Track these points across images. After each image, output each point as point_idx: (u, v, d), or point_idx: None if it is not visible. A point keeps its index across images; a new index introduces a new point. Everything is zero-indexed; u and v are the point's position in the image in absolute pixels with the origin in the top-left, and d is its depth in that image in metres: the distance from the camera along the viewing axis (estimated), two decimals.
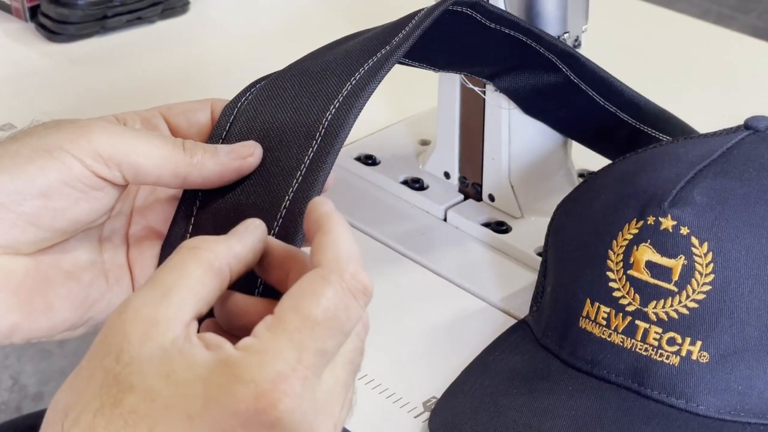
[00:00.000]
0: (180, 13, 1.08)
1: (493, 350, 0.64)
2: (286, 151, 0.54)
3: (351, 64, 0.56)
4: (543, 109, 0.74)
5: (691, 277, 0.57)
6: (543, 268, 0.66)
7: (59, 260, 0.53)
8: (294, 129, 0.54)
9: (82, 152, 0.50)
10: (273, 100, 0.56)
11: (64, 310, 0.52)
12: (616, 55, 1.02)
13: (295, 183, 0.53)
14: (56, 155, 0.50)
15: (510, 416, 0.58)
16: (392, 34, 0.58)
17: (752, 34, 1.12)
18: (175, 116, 0.56)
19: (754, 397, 0.57)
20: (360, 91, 0.54)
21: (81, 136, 0.50)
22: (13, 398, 1.72)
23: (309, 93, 0.55)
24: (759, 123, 0.62)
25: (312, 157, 0.53)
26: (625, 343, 0.58)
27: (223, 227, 0.51)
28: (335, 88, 0.55)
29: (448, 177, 0.80)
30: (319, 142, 0.53)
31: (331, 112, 0.54)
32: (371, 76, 0.55)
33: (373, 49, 0.57)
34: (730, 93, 0.97)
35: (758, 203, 0.58)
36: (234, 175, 0.53)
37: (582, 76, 0.70)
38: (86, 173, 0.50)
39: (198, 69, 0.99)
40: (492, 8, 0.64)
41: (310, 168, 0.53)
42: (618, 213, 0.60)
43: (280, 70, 0.59)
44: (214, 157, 0.52)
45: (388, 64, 0.55)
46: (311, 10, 1.11)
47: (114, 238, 0.55)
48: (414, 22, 0.58)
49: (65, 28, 1.02)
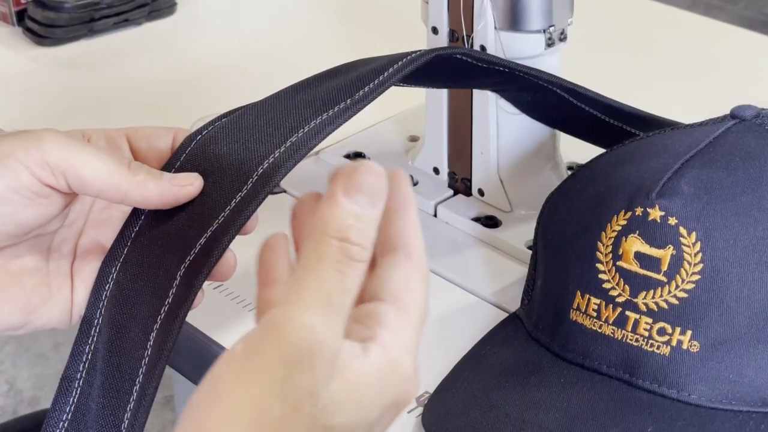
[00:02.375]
0: (167, 14, 1.08)
1: (485, 344, 0.64)
2: (220, 189, 0.57)
3: (307, 113, 0.58)
4: (547, 118, 0.74)
5: (680, 267, 0.57)
6: (533, 261, 0.66)
7: (7, 263, 0.57)
8: (235, 169, 0.57)
9: (31, 160, 0.53)
10: (226, 139, 0.59)
11: (6, 313, 0.56)
12: (604, 47, 1.02)
13: (215, 222, 0.55)
14: (6, 163, 0.53)
15: (503, 410, 0.58)
16: (364, 82, 0.59)
17: (741, 24, 1.12)
18: (139, 139, 0.60)
19: (745, 385, 0.57)
20: (303, 143, 0.57)
21: (32, 146, 0.54)
22: (9, 403, 1.72)
23: (258, 137, 0.58)
24: (745, 112, 0.62)
25: (239, 200, 0.56)
26: (615, 334, 0.58)
27: (156, 252, 0.56)
28: (283, 136, 0.57)
29: (437, 173, 0.80)
30: (249, 187, 0.56)
31: (269, 161, 0.56)
32: (318, 130, 0.57)
33: (336, 100, 0.59)
34: (718, 84, 0.97)
35: (745, 192, 0.58)
36: (172, 200, 0.57)
37: (584, 102, 0.70)
38: (33, 181, 0.54)
39: (186, 70, 0.99)
40: (483, 55, 0.65)
41: (234, 209, 0.55)
42: (606, 205, 0.60)
43: (246, 106, 0.61)
44: (156, 180, 0.56)
45: (340, 120, 0.58)
46: (299, 10, 1.11)
47: (63, 247, 0.59)
48: (389, 72, 0.60)
49: (52, 31, 1.02)
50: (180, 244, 0.56)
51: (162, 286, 0.55)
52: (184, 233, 0.56)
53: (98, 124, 0.91)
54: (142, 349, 0.55)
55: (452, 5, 0.72)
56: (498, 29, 0.71)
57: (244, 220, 0.55)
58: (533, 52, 0.71)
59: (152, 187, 0.56)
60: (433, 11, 0.74)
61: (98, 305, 0.57)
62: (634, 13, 1.11)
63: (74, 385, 0.57)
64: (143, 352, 0.55)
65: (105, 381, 0.56)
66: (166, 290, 0.55)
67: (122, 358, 0.56)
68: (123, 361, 0.56)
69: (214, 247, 0.55)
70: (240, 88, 0.94)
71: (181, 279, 0.55)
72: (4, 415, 1.67)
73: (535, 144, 0.76)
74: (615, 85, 0.70)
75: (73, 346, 0.57)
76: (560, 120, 0.75)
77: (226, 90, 0.95)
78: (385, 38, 1.01)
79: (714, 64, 1.00)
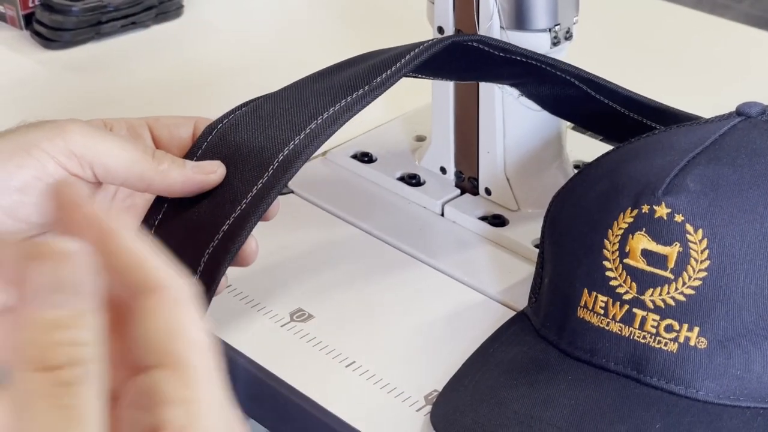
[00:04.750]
0: (174, 17, 1.08)
1: (492, 342, 0.64)
2: (241, 176, 0.58)
3: (325, 100, 0.59)
4: (566, 113, 0.75)
5: (687, 264, 0.57)
6: (540, 259, 0.66)
7: None
8: (255, 157, 0.58)
9: (57, 150, 0.54)
10: (246, 127, 0.60)
11: None
12: (609, 46, 1.02)
13: (238, 209, 0.57)
14: (33, 153, 0.53)
15: (511, 407, 0.58)
16: (381, 69, 0.60)
17: (746, 23, 1.12)
18: (160, 128, 0.60)
19: (752, 382, 0.57)
20: (322, 130, 0.58)
21: (58, 135, 0.54)
22: None
23: (278, 124, 0.59)
24: (751, 109, 0.62)
25: (260, 186, 0.57)
26: (623, 332, 0.59)
27: (180, 239, 0.56)
28: (302, 123, 0.58)
29: (444, 172, 0.80)
30: (270, 174, 0.57)
31: (289, 147, 0.58)
32: (337, 117, 0.58)
33: (354, 86, 0.60)
34: (724, 81, 0.97)
35: (751, 188, 0.58)
36: (196, 188, 0.57)
37: (602, 94, 0.70)
38: (59, 170, 0.54)
39: (193, 72, 1.00)
40: (500, 42, 0.65)
41: (256, 196, 0.57)
42: (613, 202, 0.60)
43: (267, 95, 0.62)
44: (180, 168, 0.57)
45: (358, 106, 0.59)
46: (305, 12, 1.11)
47: None
48: (406, 59, 0.60)
49: (60, 35, 1.02)
50: (203, 230, 0.57)
51: (186, 272, 0.56)
52: (207, 220, 0.57)
53: None
54: None
55: (458, 5, 0.73)
56: (504, 28, 0.71)
57: (265, 207, 0.56)
58: (539, 51, 0.71)
59: (176, 176, 0.56)
60: (438, 11, 0.74)
61: None
62: (640, 11, 1.11)
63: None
64: None
65: None
66: (190, 276, 0.56)
67: None
68: None
69: (237, 233, 0.56)
70: (247, 90, 0.94)
71: (204, 265, 0.56)
72: None
73: (541, 143, 0.76)
74: (620, 83, 0.71)
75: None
76: (579, 115, 0.75)
77: (233, 91, 0.95)
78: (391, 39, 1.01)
79: (719, 62, 1.00)
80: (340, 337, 0.67)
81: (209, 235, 0.56)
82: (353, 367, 0.64)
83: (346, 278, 0.72)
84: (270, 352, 0.65)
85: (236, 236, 0.56)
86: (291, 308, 0.69)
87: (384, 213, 0.78)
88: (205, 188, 0.57)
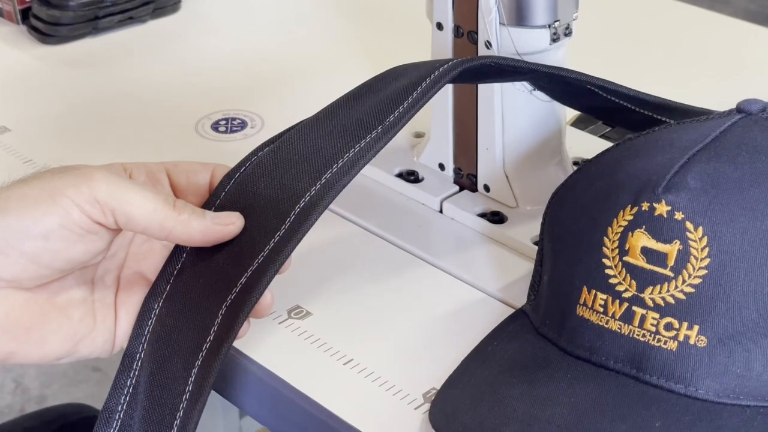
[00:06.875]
0: (171, 12, 1.08)
1: (491, 340, 0.64)
2: (259, 227, 0.58)
3: (339, 146, 0.59)
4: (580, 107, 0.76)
5: (687, 262, 0.57)
6: (539, 256, 0.66)
7: (55, 296, 0.58)
8: (273, 208, 0.58)
9: (82, 198, 0.55)
10: (263, 176, 0.60)
11: (54, 344, 0.58)
12: (609, 42, 1.02)
13: (255, 262, 0.57)
14: (58, 200, 0.55)
15: (510, 405, 0.58)
16: (393, 104, 0.60)
17: (745, 18, 1.12)
18: (178, 174, 0.61)
19: (752, 380, 0.57)
20: (337, 179, 0.58)
21: (83, 183, 0.55)
22: (17, 401, 1.72)
23: (294, 174, 0.59)
24: (751, 106, 0.62)
25: (278, 239, 0.57)
26: (622, 330, 0.58)
27: (198, 289, 0.57)
28: (317, 173, 0.59)
29: (442, 168, 0.80)
30: (287, 226, 0.57)
31: (305, 199, 0.58)
32: (351, 164, 0.58)
33: (368, 127, 0.60)
34: (724, 78, 0.97)
35: (752, 186, 0.58)
36: (214, 238, 0.58)
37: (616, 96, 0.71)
38: (83, 218, 0.55)
39: (190, 67, 0.99)
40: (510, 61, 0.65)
41: (274, 249, 0.57)
42: (612, 200, 0.60)
43: (283, 136, 0.62)
44: (200, 219, 0.58)
45: (372, 152, 0.59)
46: (304, 7, 1.11)
47: (106, 279, 0.60)
48: (418, 92, 0.61)
49: (57, 29, 1.02)
50: (221, 281, 0.57)
51: (204, 322, 0.57)
52: (226, 271, 0.58)
53: (103, 122, 0.91)
54: (184, 384, 0.56)
55: (457, 1, 0.72)
56: (503, 24, 0.70)
57: (283, 260, 0.57)
58: (538, 47, 0.71)
59: (196, 226, 0.57)
60: (438, 7, 0.74)
61: (140, 340, 0.59)
62: (639, 7, 1.10)
63: (115, 416, 0.58)
64: (184, 387, 0.56)
65: (146, 414, 0.57)
66: (208, 327, 0.57)
67: (163, 392, 0.57)
68: (164, 395, 0.57)
69: (255, 287, 0.56)
70: (245, 86, 0.94)
71: (222, 317, 0.57)
72: (12, 413, 1.67)
73: (540, 139, 0.76)
74: (619, 80, 0.70)
75: (115, 379, 0.58)
76: (593, 108, 0.76)
77: (231, 87, 0.95)
78: (391, 34, 1.01)
79: (719, 58, 1.00)
80: (338, 334, 0.66)
81: (228, 286, 0.57)
82: (351, 364, 0.64)
83: (344, 275, 0.72)
84: (268, 349, 0.65)
85: (254, 290, 0.56)
86: (289, 305, 0.68)
87: (382, 210, 0.78)
88: (224, 239, 0.58)
